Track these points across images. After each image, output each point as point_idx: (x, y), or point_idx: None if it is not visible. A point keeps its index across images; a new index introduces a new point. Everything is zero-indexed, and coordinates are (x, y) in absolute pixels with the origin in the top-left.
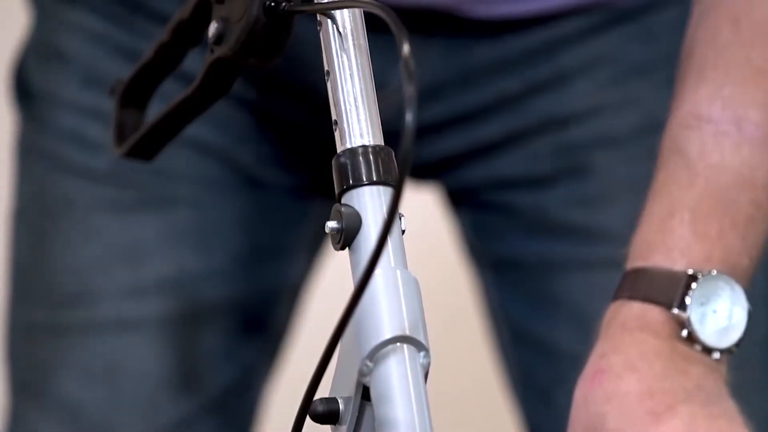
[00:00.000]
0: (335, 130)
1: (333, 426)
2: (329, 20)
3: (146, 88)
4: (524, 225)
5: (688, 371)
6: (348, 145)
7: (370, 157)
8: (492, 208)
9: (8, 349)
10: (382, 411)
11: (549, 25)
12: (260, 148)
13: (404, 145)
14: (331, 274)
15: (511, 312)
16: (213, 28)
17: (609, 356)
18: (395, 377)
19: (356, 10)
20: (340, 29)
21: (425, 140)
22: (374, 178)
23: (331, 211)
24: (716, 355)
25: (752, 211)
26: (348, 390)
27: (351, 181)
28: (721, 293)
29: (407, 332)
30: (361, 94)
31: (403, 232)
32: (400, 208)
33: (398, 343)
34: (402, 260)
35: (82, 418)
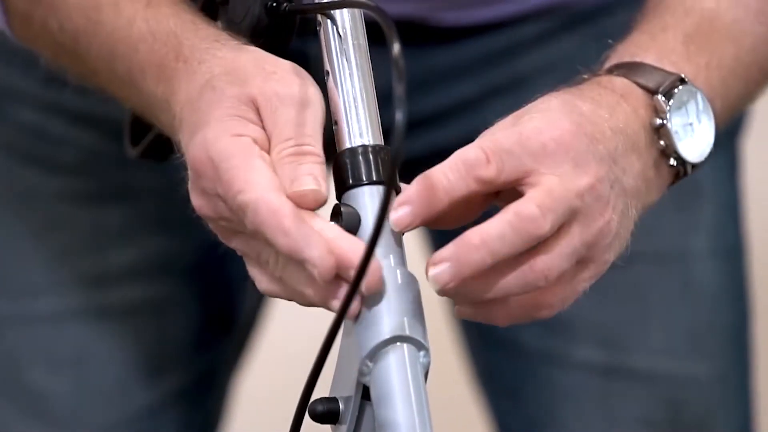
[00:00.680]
0: (335, 129)
1: (333, 426)
2: (329, 20)
3: None
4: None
5: (634, 145)
6: (348, 145)
7: (370, 157)
8: None
9: None
10: (382, 411)
11: (507, 30)
12: None
13: (395, 143)
14: None
15: None
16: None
17: (572, 92)
18: (395, 377)
19: (356, 10)
20: (340, 29)
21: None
22: (374, 178)
23: (331, 210)
24: (672, 162)
25: (734, 65)
26: (348, 390)
27: (351, 181)
28: (700, 105)
29: (407, 332)
30: (361, 94)
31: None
32: None
33: (398, 343)
34: (402, 259)
35: (50, 407)
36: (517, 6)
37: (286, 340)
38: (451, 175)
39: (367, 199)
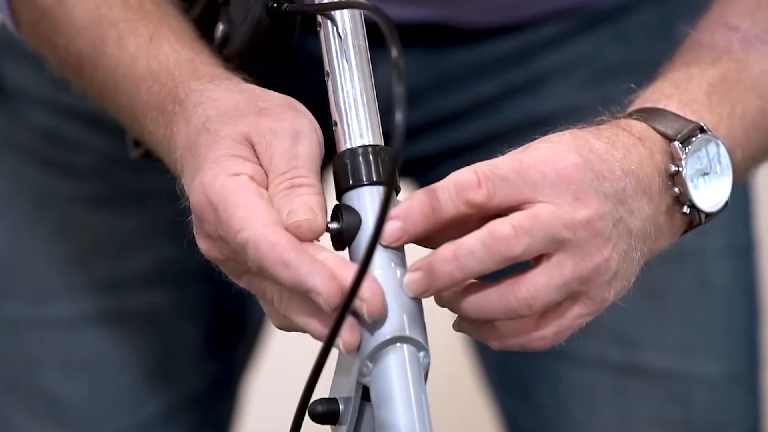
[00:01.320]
0: (335, 130)
1: (333, 426)
2: (329, 21)
3: None
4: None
5: (646, 188)
6: (348, 145)
7: (370, 157)
8: None
9: None
10: (382, 411)
11: (526, 31)
12: None
13: (395, 143)
14: None
15: None
16: (219, 30)
17: (588, 130)
18: (395, 377)
19: (356, 11)
20: (340, 30)
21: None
22: (374, 178)
23: (331, 210)
24: (686, 209)
25: (758, 116)
26: (348, 390)
27: (351, 182)
28: (719, 155)
29: (407, 332)
30: (361, 94)
31: None
32: None
33: (398, 343)
34: (401, 260)
35: (65, 411)
36: (537, 8)
37: (286, 341)
38: (441, 196)
39: (367, 200)
